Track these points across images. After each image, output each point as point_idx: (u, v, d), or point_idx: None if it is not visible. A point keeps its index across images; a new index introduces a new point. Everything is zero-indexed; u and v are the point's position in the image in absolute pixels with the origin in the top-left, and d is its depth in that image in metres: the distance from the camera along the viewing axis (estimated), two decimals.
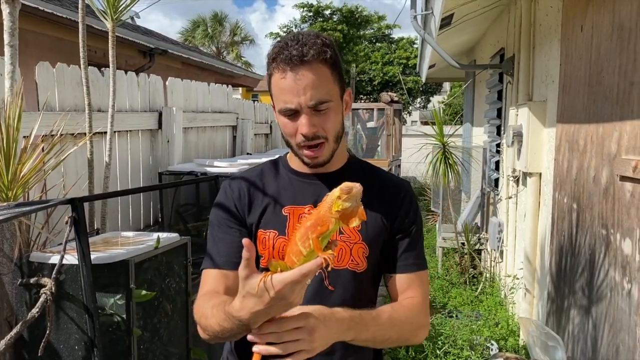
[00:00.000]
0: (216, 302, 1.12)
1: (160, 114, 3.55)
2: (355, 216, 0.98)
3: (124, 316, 2.07)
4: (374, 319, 1.14)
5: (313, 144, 1.20)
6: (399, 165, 10.70)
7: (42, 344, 1.79)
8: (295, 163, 1.32)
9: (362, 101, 16.28)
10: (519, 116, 3.62)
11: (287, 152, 1.35)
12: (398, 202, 1.30)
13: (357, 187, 0.96)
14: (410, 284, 1.28)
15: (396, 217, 1.29)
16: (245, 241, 0.97)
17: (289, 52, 1.15)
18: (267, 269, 1.05)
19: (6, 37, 2.09)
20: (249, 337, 1.00)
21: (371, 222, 1.25)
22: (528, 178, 3.47)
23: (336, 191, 0.97)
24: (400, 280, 1.29)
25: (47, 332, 1.83)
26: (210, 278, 1.23)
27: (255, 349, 0.99)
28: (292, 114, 1.18)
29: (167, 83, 3.75)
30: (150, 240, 2.32)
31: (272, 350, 0.98)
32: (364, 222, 1.21)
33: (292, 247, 0.99)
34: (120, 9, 2.66)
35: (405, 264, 1.28)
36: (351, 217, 0.98)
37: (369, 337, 1.13)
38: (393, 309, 1.22)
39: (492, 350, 3.46)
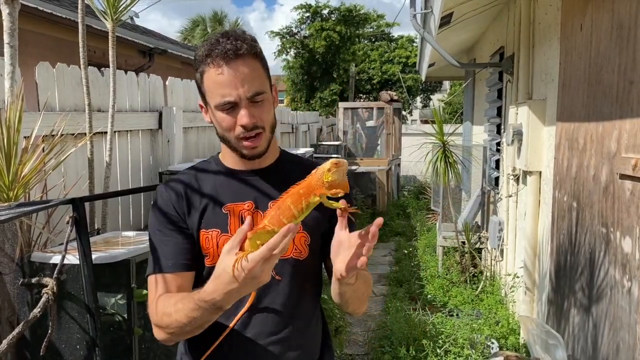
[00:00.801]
0: (179, 298, 1.16)
1: (161, 114, 3.55)
2: (341, 188, 1.08)
3: (125, 316, 2.08)
4: (365, 277, 1.25)
5: (252, 134, 1.23)
6: (399, 164, 10.69)
7: (44, 343, 1.79)
8: (229, 161, 1.34)
9: (362, 100, 16.27)
10: (518, 115, 3.62)
11: (218, 153, 1.38)
12: None
13: (344, 162, 1.07)
14: None
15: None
16: (248, 218, 1.09)
17: (223, 47, 1.19)
18: (213, 267, 1.12)
19: (6, 38, 2.10)
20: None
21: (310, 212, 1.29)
22: (528, 177, 3.47)
23: (327, 164, 1.07)
24: None
25: (49, 331, 1.83)
26: (161, 282, 1.24)
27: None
28: (230, 108, 1.21)
29: (167, 83, 3.75)
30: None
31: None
32: None
33: (284, 212, 1.06)
34: (120, 9, 2.66)
35: None
36: (337, 188, 1.08)
37: (360, 291, 1.23)
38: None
39: (492, 348, 3.46)
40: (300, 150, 5.56)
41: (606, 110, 2.16)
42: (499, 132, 4.92)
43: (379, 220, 1.06)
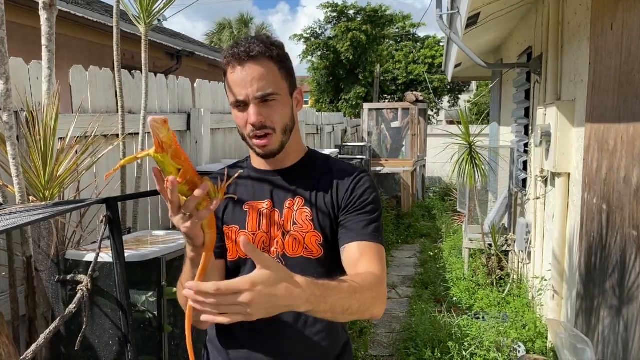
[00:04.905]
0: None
1: (189, 116, 3.61)
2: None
3: (156, 313, 2.12)
4: (336, 289, 1.06)
5: (261, 133, 1.27)
6: (424, 166, 10.63)
7: (79, 338, 1.85)
8: (255, 161, 1.40)
9: (386, 101, 16.21)
10: (547, 116, 3.58)
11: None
12: (346, 186, 1.34)
13: (148, 120, 1.02)
14: (364, 252, 1.24)
15: (343, 199, 1.32)
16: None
17: (238, 49, 1.26)
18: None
19: (44, 42, 2.16)
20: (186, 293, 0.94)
21: (322, 210, 1.32)
22: (556, 178, 3.43)
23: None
24: (353, 248, 1.25)
25: (84, 327, 1.88)
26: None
27: (190, 303, 0.94)
28: (243, 106, 1.27)
29: (195, 85, 3.81)
30: (181, 238, 2.37)
31: (208, 312, 0.92)
32: (315, 212, 1.31)
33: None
34: (154, 13, 2.71)
35: (358, 234, 1.27)
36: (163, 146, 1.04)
37: (328, 309, 1.04)
38: (351, 278, 1.17)
39: (519, 352, 3.43)
40: (325, 151, 5.57)
41: (637, 111, 2.13)
42: (526, 133, 4.87)
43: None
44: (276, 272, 0.94)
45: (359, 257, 1.23)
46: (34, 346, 1.70)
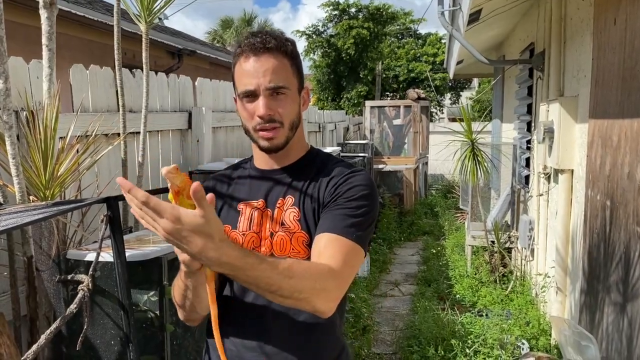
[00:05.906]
0: None
1: (190, 114, 3.60)
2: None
3: (157, 312, 2.12)
4: (268, 266, 1.03)
5: (268, 127, 1.26)
6: (426, 163, 10.61)
7: (80, 338, 1.84)
8: (257, 159, 1.38)
9: (389, 98, 16.17)
10: (549, 112, 3.56)
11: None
12: (334, 183, 1.28)
13: (163, 174, 1.01)
14: (329, 244, 1.17)
15: (327, 195, 1.27)
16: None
17: (254, 40, 1.25)
18: None
19: (44, 41, 2.15)
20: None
21: (309, 210, 1.28)
22: (559, 175, 3.42)
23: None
24: (321, 238, 1.19)
25: (85, 327, 1.88)
26: None
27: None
28: (251, 97, 1.25)
29: (196, 83, 3.80)
30: None
31: (136, 210, 0.94)
32: (302, 212, 1.28)
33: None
34: (155, 11, 2.70)
35: (330, 227, 1.20)
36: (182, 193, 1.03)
37: (250, 281, 1.03)
38: (297, 261, 1.15)
39: (522, 349, 3.42)
40: (327, 149, 5.57)
41: None
42: (529, 129, 4.85)
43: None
44: (205, 226, 0.93)
45: (322, 248, 1.17)
46: (35, 346, 1.69)
